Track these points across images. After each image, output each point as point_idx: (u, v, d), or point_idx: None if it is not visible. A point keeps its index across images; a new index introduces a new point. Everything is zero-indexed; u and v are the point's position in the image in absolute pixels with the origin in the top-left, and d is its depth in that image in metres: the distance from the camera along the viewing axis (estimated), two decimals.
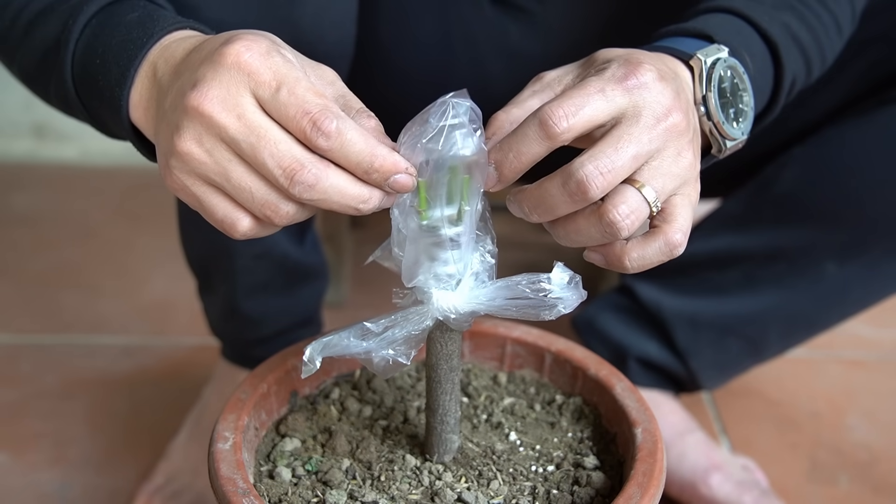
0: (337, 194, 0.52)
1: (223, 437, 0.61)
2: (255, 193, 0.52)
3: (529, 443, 0.66)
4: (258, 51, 0.51)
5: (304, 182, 0.50)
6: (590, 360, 0.70)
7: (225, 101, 0.51)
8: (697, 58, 0.62)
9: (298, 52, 0.56)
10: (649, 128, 0.54)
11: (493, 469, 0.63)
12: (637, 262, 0.56)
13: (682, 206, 0.57)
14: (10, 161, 1.81)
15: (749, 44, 0.69)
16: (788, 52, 0.71)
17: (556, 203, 0.54)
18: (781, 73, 0.71)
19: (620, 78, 0.54)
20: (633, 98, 0.54)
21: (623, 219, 0.53)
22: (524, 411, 0.70)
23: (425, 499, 0.60)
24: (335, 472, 0.62)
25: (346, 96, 0.55)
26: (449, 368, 0.62)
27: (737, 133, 0.64)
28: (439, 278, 0.56)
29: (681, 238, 0.56)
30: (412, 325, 0.57)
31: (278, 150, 0.51)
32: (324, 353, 0.56)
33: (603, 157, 0.53)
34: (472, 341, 0.74)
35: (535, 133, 0.53)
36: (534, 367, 0.73)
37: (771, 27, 0.70)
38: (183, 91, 0.52)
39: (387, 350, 0.56)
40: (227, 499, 0.57)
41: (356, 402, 0.70)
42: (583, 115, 0.53)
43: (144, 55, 0.57)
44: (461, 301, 0.57)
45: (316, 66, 0.56)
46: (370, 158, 0.51)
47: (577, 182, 0.52)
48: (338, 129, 0.50)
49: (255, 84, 0.51)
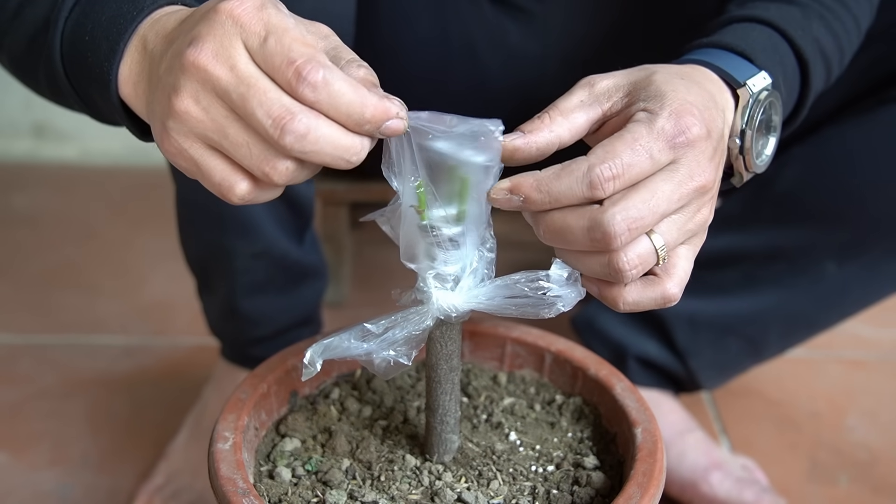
0: (329, 145, 0.50)
1: (223, 437, 0.61)
2: (253, 149, 0.51)
3: (529, 443, 0.66)
4: (252, 4, 0.50)
5: (295, 131, 0.49)
6: (590, 360, 0.70)
7: (218, 52, 0.50)
8: (746, 89, 0.61)
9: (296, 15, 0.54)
10: (681, 185, 0.54)
11: (493, 469, 0.63)
12: (630, 307, 0.56)
13: (685, 258, 0.57)
14: (10, 161, 1.81)
15: (784, 65, 0.68)
16: (815, 69, 0.70)
17: (576, 241, 0.54)
18: (808, 91, 0.70)
19: (670, 136, 0.54)
20: (677, 154, 0.54)
21: (631, 268, 0.53)
22: (524, 411, 0.70)
23: (425, 499, 0.60)
24: (335, 472, 0.62)
25: (337, 48, 0.54)
26: (449, 368, 0.62)
27: (760, 167, 0.64)
28: (439, 278, 0.56)
29: (677, 292, 0.57)
30: (412, 326, 0.57)
31: (267, 98, 0.49)
32: (324, 355, 0.56)
33: (634, 210, 0.52)
34: (472, 341, 0.74)
35: (581, 191, 0.53)
36: (534, 366, 0.73)
37: (804, 44, 0.69)
38: (180, 51, 0.51)
39: (388, 351, 0.56)
40: (227, 499, 0.57)
41: (356, 402, 0.70)
42: (629, 178, 0.53)
43: (134, 29, 0.56)
44: (461, 300, 0.57)
45: (310, 22, 0.54)
46: (360, 108, 0.50)
47: (604, 233, 0.52)
48: (324, 80, 0.49)
49: (245, 34, 0.50)
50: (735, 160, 0.62)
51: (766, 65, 0.65)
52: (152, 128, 0.55)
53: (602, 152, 0.53)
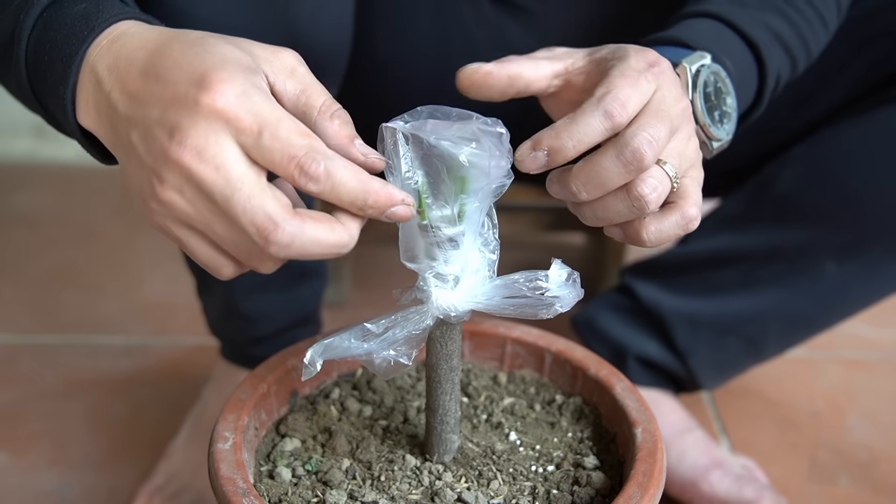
0: (315, 246, 0.50)
1: (223, 437, 0.61)
2: (239, 246, 0.51)
3: (529, 443, 0.66)
4: (234, 93, 0.48)
5: (278, 242, 0.49)
6: (590, 360, 0.70)
7: (202, 151, 0.48)
8: (683, 65, 0.65)
9: (255, 42, 0.53)
10: (673, 106, 0.58)
11: (493, 469, 0.63)
12: (654, 236, 0.59)
13: (693, 186, 0.60)
14: (10, 161, 1.81)
15: (730, 48, 0.71)
16: (770, 51, 0.73)
17: (611, 175, 0.56)
18: (765, 72, 0.73)
19: (646, 66, 0.58)
20: (660, 81, 0.58)
21: (651, 192, 0.56)
22: (524, 411, 0.70)
23: (425, 499, 0.60)
24: (335, 472, 0.62)
25: (307, 90, 0.53)
26: (449, 368, 0.62)
27: (722, 134, 0.67)
28: (439, 277, 0.56)
29: (696, 212, 0.59)
30: (412, 325, 0.57)
31: (251, 205, 0.49)
32: (324, 355, 0.56)
33: (650, 127, 0.55)
34: (472, 341, 0.74)
35: (600, 123, 0.55)
36: (534, 367, 0.73)
37: (752, 30, 0.73)
38: (157, 137, 0.50)
39: (388, 351, 0.56)
40: (227, 499, 0.57)
41: (356, 402, 0.70)
42: (636, 102, 0.56)
43: (84, 55, 0.54)
44: (460, 300, 0.57)
45: (273, 52, 0.53)
46: (363, 196, 0.50)
47: (633, 150, 0.55)
48: (326, 171, 0.49)
49: (236, 131, 0.49)
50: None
51: (706, 47, 0.69)
52: (132, 192, 0.54)
53: (604, 89, 0.56)
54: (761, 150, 1.00)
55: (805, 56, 0.78)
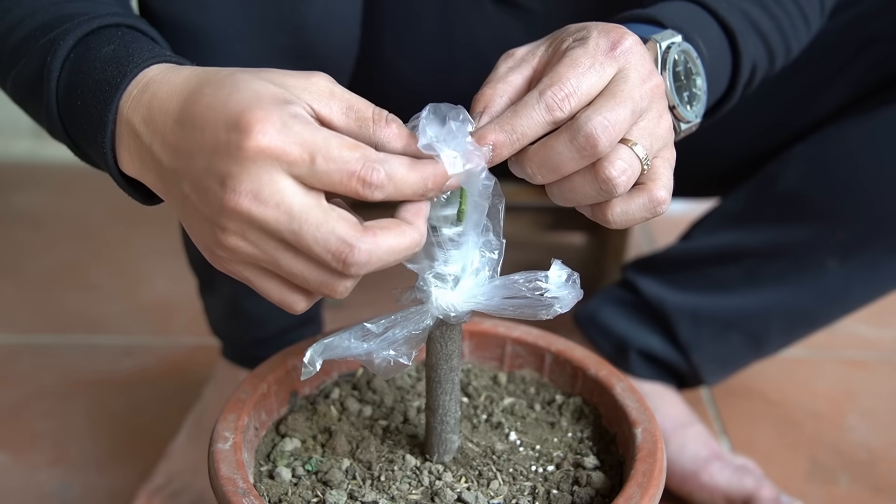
0: (392, 254, 0.50)
1: (223, 437, 0.61)
2: (309, 277, 0.51)
3: (529, 443, 0.66)
4: (275, 129, 0.48)
5: (357, 262, 0.49)
6: (590, 360, 0.70)
7: (259, 194, 0.48)
8: (653, 41, 0.63)
9: (286, 72, 0.53)
10: (638, 86, 0.55)
11: (493, 469, 0.63)
12: (621, 217, 0.57)
13: (664, 167, 0.57)
14: (10, 161, 1.81)
15: (704, 30, 0.70)
16: (747, 40, 0.72)
17: (564, 160, 0.54)
18: (739, 59, 0.72)
19: (606, 49, 0.55)
20: (621, 63, 0.55)
21: (619, 175, 0.54)
22: (524, 411, 0.70)
23: (425, 499, 0.60)
24: (335, 472, 0.62)
25: (352, 105, 0.52)
26: (449, 368, 0.61)
27: (690, 116, 0.65)
28: (439, 277, 0.56)
29: (665, 195, 0.57)
30: (412, 325, 0.56)
31: (321, 233, 0.48)
32: (324, 354, 0.56)
33: (605, 110, 0.53)
34: (473, 341, 0.74)
35: (541, 116, 0.54)
36: (534, 367, 0.73)
37: (729, 15, 0.71)
38: (209, 187, 0.49)
39: (388, 351, 0.56)
40: (227, 499, 0.57)
41: (356, 402, 0.70)
42: (583, 93, 0.54)
43: (118, 105, 0.54)
44: (460, 300, 0.56)
45: (307, 78, 0.52)
46: (423, 183, 0.51)
47: (586, 136, 0.53)
48: (388, 176, 0.49)
49: (287, 165, 0.48)
50: None
51: (678, 27, 0.66)
52: (196, 242, 0.54)
53: (548, 79, 0.54)
54: (763, 148, 1.00)
55: (784, 51, 0.77)
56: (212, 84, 0.51)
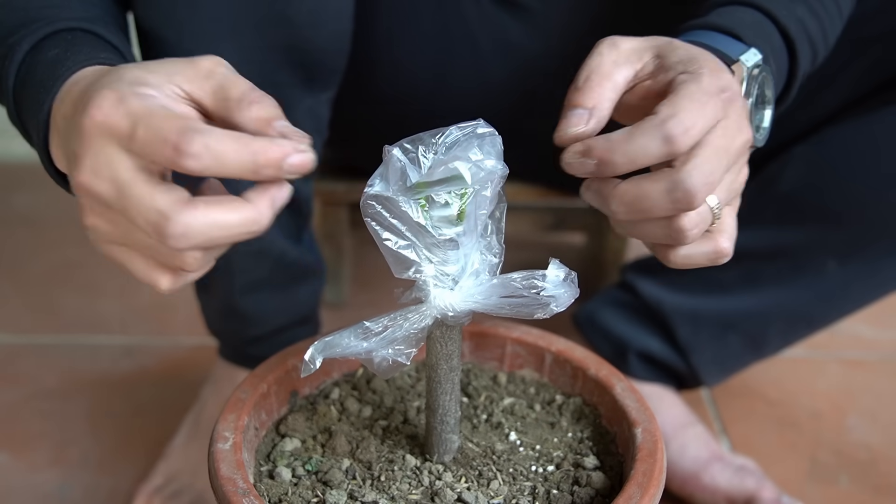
0: (219, 229, 0.48)
1: (223, 437, 0.61)
2: (155, 249, 0.50)
3: (529, 443, 0.66)
4: (108, 104, 0.48)
5: (173, 234, 0.47)
6: (590, 360, 0.70)
7: (95, 168, 0.48)
8: (741, 65, 0.62)
9: (176, 60, 0.52)
10: (734, 140, 0.55)
11: (493, 469, 0.62)
12: (682, 260, 0.57)
13: (731, 217, 0.58)
14: (11, 161, 1.81)
15: (772, 44, 0.68)
16: (802, 49, 0.71)
17: (654, 207, 0.53)
18: (795, 70, 0.71)
19: (717, 91, 0.54)
20: (727, 111, 0.55)
21: (692, 227, 0.54)
22: (524, 411, 0.69)
23: (425, 499, 0.60)
24: (335, 472, 0.61)
25: (224, 86, 0.51)
26: (449, 368, 0.61)
27: (760, 141, 0.64)
28: (438, 277, 0.56)
29: (729, 247, 0.57)
30: (411, 324, 0.56)
31: (142, 206, 0.48)
32: (324, 353, 0.56)
33: (708, 166, 0.53)
34: (473, 341, 0.74)
35: (658, 147, 0.53)
36: (534, 367, 0.73)
37: (789, 23, 0.69)
38: (69, 168, 0.51)
39: (387, 350, 0.56)
40: (227, 499, 0.56)
41: (356, 403, 0.69)
42: (699, 130, 0.53)
43: (50, 108, 0.55)
44: (458, 299, 0.56)
45: (190, 61, 0.51)
46: (251, 157, 0.48)
47: (686, 191, 0.52)
48: (204, 146, 0.47)
49: (118, 138, 0.48)
50: None
51: (755, 41, 0.65)
52: None
53: (669, 109, 0.53)
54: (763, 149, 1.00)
55: (824, 50, 0.76)
56: (102, 74, 0.52)
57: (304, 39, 0.75)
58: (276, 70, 0.77)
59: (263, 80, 0.56)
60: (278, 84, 0.76)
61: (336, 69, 0.81)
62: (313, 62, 0.78)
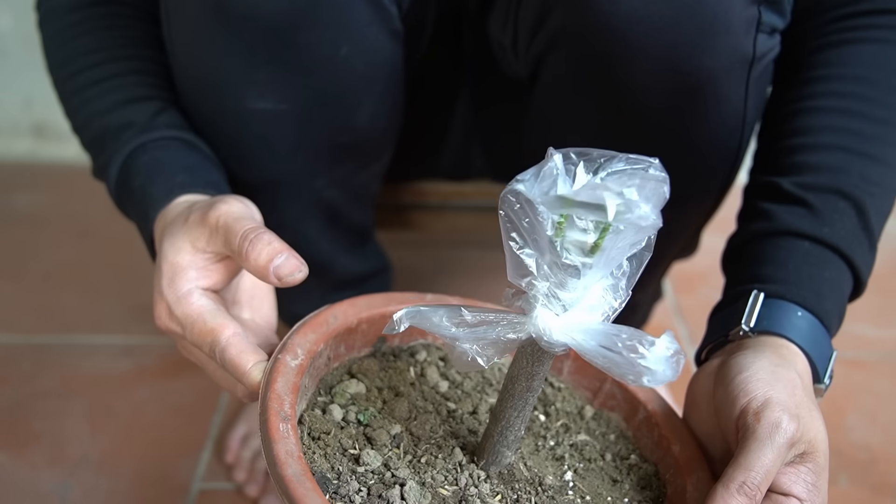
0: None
1: (294, 352, 0.59)
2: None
3: (581, 490, 0.61)
4: (165, 314, 0.67)
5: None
6: (678, 436, 0.64)
7: (166, 328, 0.68)
8: (822, 387, 0.66)
9: (190, 222, 0.66)
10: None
11: (532, 500, 0.59)
12: None
13: None
14: (10, 161, 1.81)
15: (842, 303, 0.68)
16: (868, 265, 0.70)
17: None
18: (858, 294, 0.71)
19: (820, 491, 0.60)
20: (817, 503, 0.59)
21: None
22: (593, 455, 0.65)
23: (453, 498, 0.57)
24: (382, 434, 0.59)
25: (228, 239, 0.63)
26: (527, 388, 0.57)
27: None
28: (549, 298, 0.52)
29: None
30: (504, 331, 0.53)
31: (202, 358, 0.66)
32: (413, 320, 0.54)
33: None
34: (575, 363, 0.70)
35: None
36: (624, 415, 0.68)
37: (864, 271, 0.69)
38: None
39: (471, 345, 0.53)
40: (267, 414, 0.55)
41: (436, 373, 0.66)
42: None
43: (151, 233, 0.73)
44: (558, 328, 0.52)
45: (202, 220, 0.65)
46: (233, 387, 0.64)
47: None
48: (221, 354, 0.62)
49: (177, 336, 0.67)
50: None
51: (835, 321, 0.67)
52: None
53: None
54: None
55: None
56: (161, 247, 0.68)
57: (362, 140, 0.83)
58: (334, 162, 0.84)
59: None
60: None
61: (385, 153, 0.89)
62: (364, 153, 0.87)
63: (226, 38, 0.72)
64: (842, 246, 0.67)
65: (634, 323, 1.03)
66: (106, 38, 0.80)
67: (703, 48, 0.67)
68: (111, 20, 0.81)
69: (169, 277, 0.66)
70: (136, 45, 0.81)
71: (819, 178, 0.69)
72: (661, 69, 0.69)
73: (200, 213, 0.64)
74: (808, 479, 0.59)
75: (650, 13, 0.66)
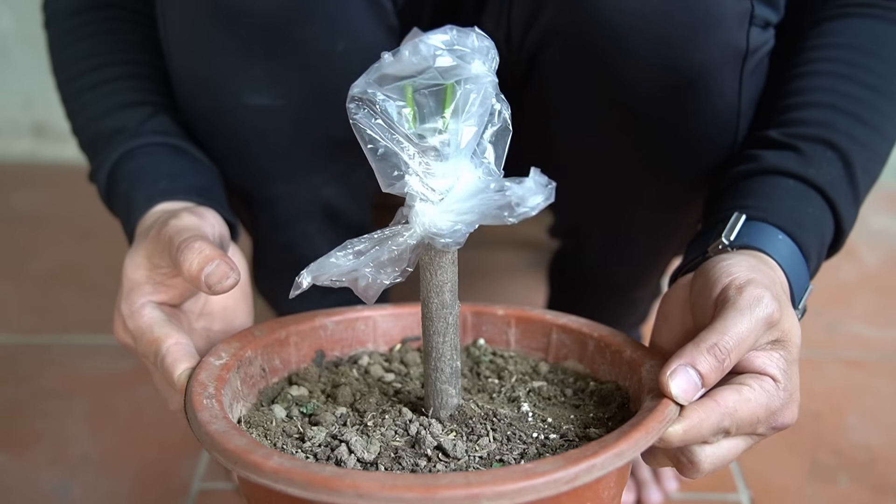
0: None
1: (218, 354, 0.62)
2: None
3: (541, 416, 0.62)
4: (121, 328, 0.69)
5: None
6: (628, 344, 0.66)
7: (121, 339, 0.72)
8: (798, 312, 0.66)
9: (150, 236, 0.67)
10: (752, 442, 0.61)
11: (487, 428, 0.59)
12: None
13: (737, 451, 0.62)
14: (10, 161, 1.81)
15: (823, 237, 0.69)
16: (848, 233, 0.72)
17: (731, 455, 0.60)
18: (839, 242, 0.72)
19: (771, 428, 0.61)
20: (766, 431, 0.61)
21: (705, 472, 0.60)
22: (552, 393, 0.66)
23: (406, 445, 0.57)
24: (326, 416, 0.60)
25: (170, 252, 0.64)
26: (440, 304, 0.57)
27: None
28: (425, 190, 0.53)
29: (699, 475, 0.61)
30: (395, 242, 0.54)
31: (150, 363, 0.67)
32: (316, 274, 0.55)
33: (719, 460, 0.59)
34: (519, 328, 0.72)
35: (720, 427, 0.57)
36: (577, 356, 0.70)
37: (847, 221, 0.70)
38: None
39: (370, 269, 0.54)
40: (190, 396, 0.57)
41: (381, 370, 0.68)
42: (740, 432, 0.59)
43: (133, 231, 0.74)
44: (438, 212, 0.53)
45: (157, 237, 0.66)
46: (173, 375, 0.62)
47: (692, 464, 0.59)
48: (160, 361, 0.62)
49: (130, 348, 0.70)
50: None
51: (813, 256, 0.68)
52: None
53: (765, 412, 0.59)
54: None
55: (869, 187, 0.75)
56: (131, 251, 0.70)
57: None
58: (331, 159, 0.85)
59: None
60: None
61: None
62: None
63: (221, 35, 0.73)
64: (826, 189, 0.69)
65: (634, 320, 1.04)
66: (105, 42, 0.82)
67: (695, 42, 0.69)
68: (112, 24, 0.83)
69: (126, 292, 0.68)
70: (136, 49, 0.83)
71: (809, 129, 0.72)
72: (653, 63, 0.71)
73: (157, 228, 0.66)
74: (781, 364, 0.59)
75: (642, 7, 0.68)
